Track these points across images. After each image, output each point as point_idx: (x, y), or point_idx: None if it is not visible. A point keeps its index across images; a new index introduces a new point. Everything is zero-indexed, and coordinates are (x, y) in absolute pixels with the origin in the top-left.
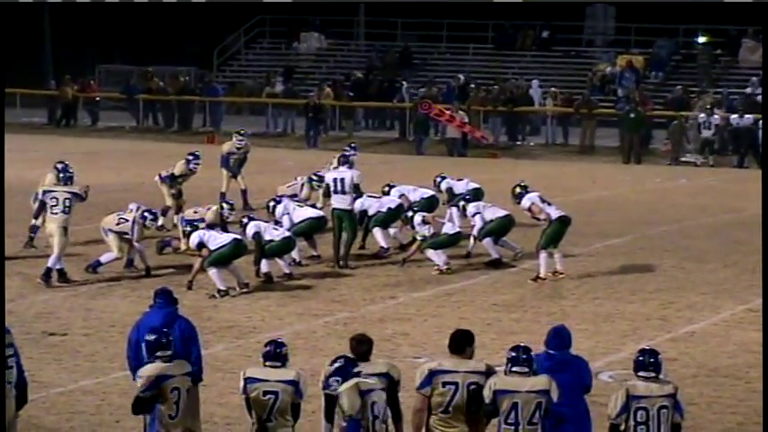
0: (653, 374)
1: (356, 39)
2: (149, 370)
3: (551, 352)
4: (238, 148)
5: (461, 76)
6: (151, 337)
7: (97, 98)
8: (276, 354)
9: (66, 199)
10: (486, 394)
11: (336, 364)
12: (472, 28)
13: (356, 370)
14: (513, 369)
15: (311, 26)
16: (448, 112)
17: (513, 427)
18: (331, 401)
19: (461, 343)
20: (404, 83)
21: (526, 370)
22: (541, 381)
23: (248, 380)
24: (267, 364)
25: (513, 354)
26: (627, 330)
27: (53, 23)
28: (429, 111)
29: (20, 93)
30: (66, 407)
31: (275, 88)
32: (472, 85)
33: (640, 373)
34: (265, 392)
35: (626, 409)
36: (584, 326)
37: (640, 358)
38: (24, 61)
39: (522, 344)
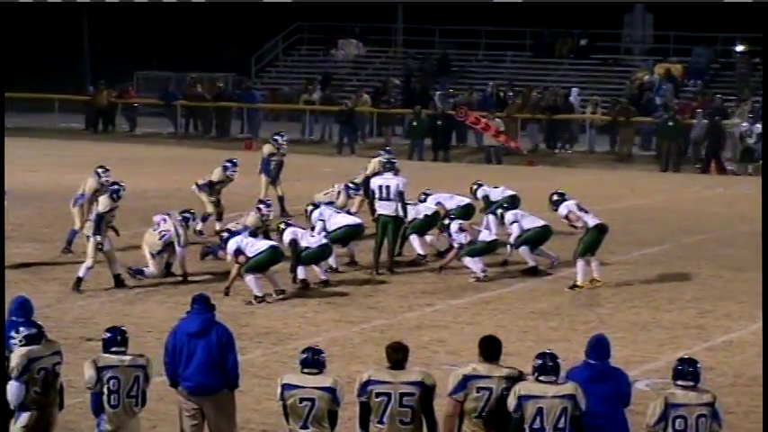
0: (691, 383)
1: (394, 46)
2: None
3: (591, 362)
4: (278, 149)
5: (491, 83)
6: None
7: (135, 104)
8: (313, 360)
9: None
10: (511, 401)
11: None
12: (510, 35)
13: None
14: (540, 378)
15: (349, 33)
16: (483, 120)
17: None
18: (366, 409)
19: (496, 350)
20: (437, 91)
21: (553, 378)
22: (567, 386)
23: (285, 386)
24: (304, 370)
25: (540, 362)
26: (664, 339)
27: (92, 30)
28: (465, 118)
29: (58, 98)
30: None
31: (312, 95)
32: (511, 93)
33: (679, 382)
34: (302, 399)
35: (664, 418)
36: (621, 334)
37: (679, 367)
38: (63, 67)
39: (548, 350)
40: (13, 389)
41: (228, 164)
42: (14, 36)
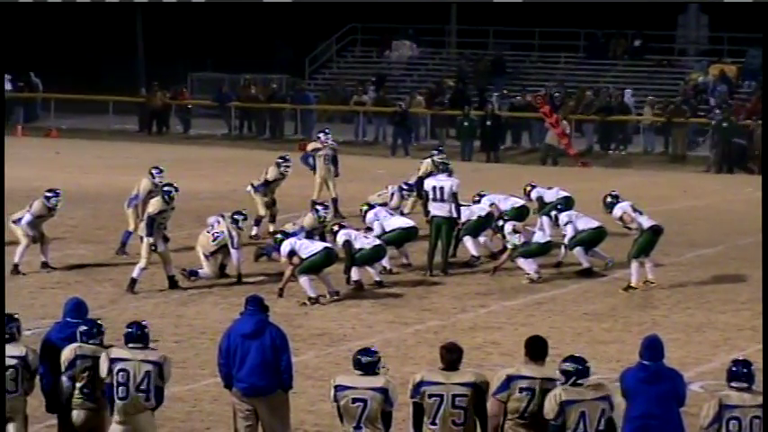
0: (746, 385)
1: (447, 47)
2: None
3: (646, 363)
4: (323, 145)
5: (549, 84)
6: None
7: (189, 105)
8: (366, 362)
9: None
10: (552, 407)
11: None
12: (564, 36)
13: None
14: (579, 382)
15: (403, 34)
16: (555, 116)
17: None
18: (419, 410)
19: (542, 351)
20: (491, 92)
21: (587, 382)
22: (602, 388)
23: (338, 387)
24: (357, 371)
25: (577, 366)
26: (718, 341)
27: (146, 32)
28: (541, 106)
29: (112, 100)
30: (157, 413)
31: (362, 97)
32: (557, 94)
33: (733, 384)
34: (354, 400)
35: (718, 419)
36: (675, 336)
37: (734, 368)
38: (117, 69)
39: (577, 354)
40: (60, 383)
41: (281, 160)
42: (69, 38)
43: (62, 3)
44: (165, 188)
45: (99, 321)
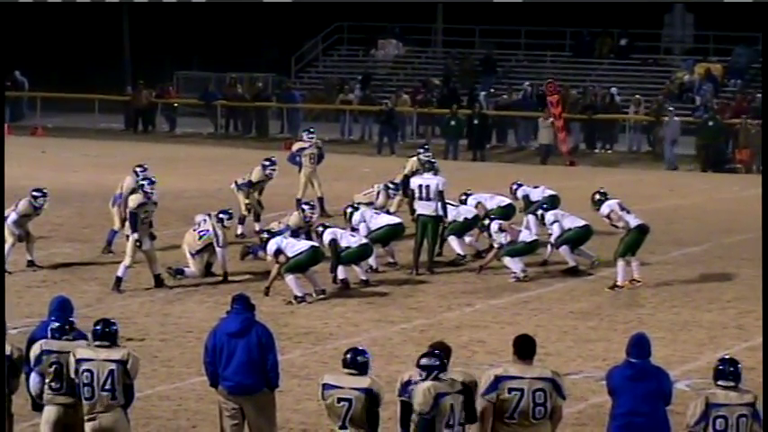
0: (732, 383)
1: (434, 46)
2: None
3: (632, 360)
4: (307, 144)
5: (527, 83)
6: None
7: (175, 104)
8: (354, 361)
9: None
10: (427, 401)
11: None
12: (550, 35)
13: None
14: (440, 376)
15: (389, 33)
16: (560, 108)
17: (451, 429)
18: (407, 408)
19: (529, 349)
20: (478, 91)
21: (448, 379)
22: (456, 382)
23: (325, 386)
24: (344, 370)
25: (436, 360)
26: (704, 339)
27: (132, 30)
28: (552, 92)
29: (98, 98)
30: (143, 412)
31: (348, 95)
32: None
33: (720, 382)
34: (339, 399)
35: (705, 418)
36: (660, 334)
37: (720, 367)
38: (103, 67)
39: (434, 350)
40: (30, 379)
41: (267, 162)
42: (54, 36)
43: (48, 1)
44: (142, 181)
45: (71, 319)
